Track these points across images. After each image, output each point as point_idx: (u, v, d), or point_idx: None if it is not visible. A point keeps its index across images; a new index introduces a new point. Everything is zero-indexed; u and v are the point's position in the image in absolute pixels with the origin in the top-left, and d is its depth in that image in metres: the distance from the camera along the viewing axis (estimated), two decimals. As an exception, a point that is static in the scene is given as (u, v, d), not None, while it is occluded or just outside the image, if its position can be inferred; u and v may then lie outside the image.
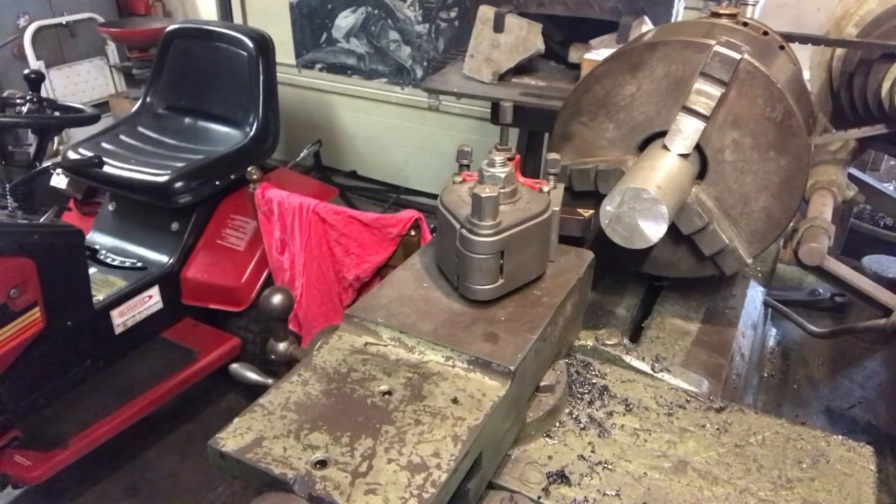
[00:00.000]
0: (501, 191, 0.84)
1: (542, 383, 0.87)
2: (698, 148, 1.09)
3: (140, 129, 3.06)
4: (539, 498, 0.77)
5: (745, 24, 1.24)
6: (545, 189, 0.93)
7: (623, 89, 1.14)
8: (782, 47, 1.27)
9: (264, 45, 2.94)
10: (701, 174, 1.12)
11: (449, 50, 3.72)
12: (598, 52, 2.35)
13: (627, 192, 0.95)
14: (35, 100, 2.82)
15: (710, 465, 0.81)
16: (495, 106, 2.68)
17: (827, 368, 1.41)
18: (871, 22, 1.39)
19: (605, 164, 1.14)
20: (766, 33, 1.27)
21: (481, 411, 0.72)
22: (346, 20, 4.24)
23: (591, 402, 0.91)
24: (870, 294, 1.28)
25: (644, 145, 1.16)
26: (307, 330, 2.64)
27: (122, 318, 2.61)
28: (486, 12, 2.63)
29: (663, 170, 1.02)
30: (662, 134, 1.09)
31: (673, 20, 2.46)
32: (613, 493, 0.77)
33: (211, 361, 2.73)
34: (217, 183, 2.76)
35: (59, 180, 3.00)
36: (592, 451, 0.83)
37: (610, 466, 0.81)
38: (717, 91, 1.04)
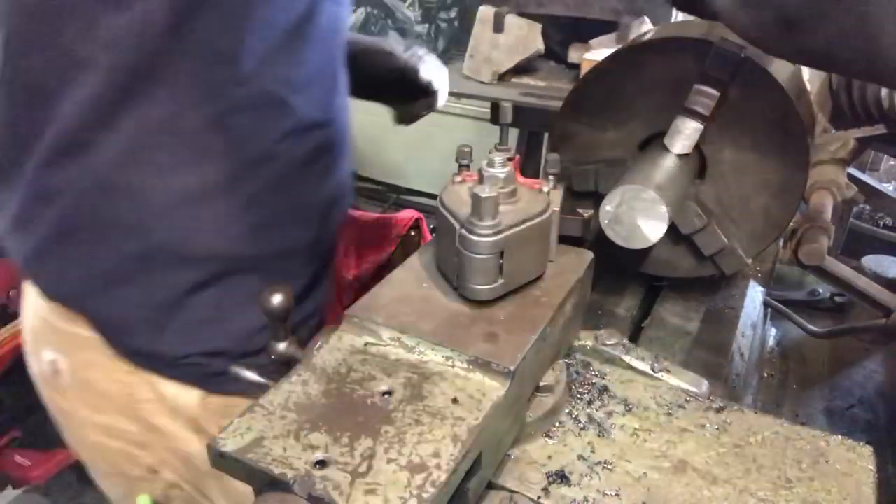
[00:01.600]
0: (501, 191, 0.84)
1: (541, 383, 0.87)
2: (697, 148, 1.09)
3: (140, 129, 3.05)
4: (539, 498, 0.77)
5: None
6: (545, 189, 0.92)
7: (622, 89, 1.14)
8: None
9: (264, 45, 2.93)
10: (700, 174, 1.12)
11: (449, 50, 3.72)
12: (598, 52, 2.35)
13: (627, 192, 0.95)
14: (35, 100, 2.82)
15: (710, 465, 0.81)
16: (495, 106, 2.67)
17: (827, 368, 1.41)
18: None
19: (606, 165, 1.14)
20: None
21: (481, 411, 0.72)
22: (346, 20, 4.24)
23: (590, 402, 0.91)
24: (870, 294, 1.28)
25: (644, 145, 1.16)
26: (307, 330, 2.64)
27: (122, 318, 2.61)
28: (485, 12, 2.63)
29: (663, 170, 1.02)
30: (662, 134, 1.09)
31: (673, 20, 2.46)
32: (613, 493, 0.77)
33: (211, 361, 2.72)
34: (217, 183, 2.75)
35: (59, 180, 3.00)
36: (592, 451, 0.83)
37: (610, 466, 0.81)
38: (716, 91, 1.04)
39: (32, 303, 1.19)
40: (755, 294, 1.37)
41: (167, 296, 1.09)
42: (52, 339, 1.18)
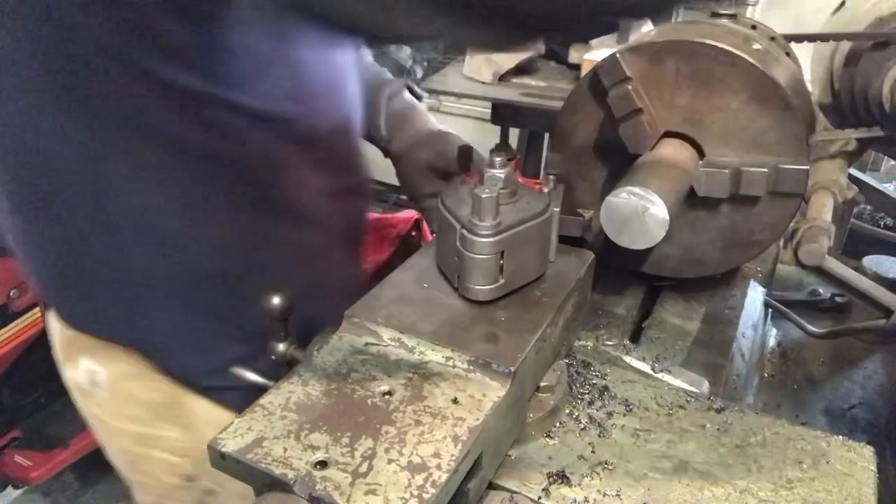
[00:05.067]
0: (501, 191, 0.84)
1: (542, 384, 0.87)
2: (694, 142, 1.08)
3: (140, 129, 3.05)
4: (539, 498, 0.77)
5: (754, 27, 1.24)
6: (545, 189, 0.93)
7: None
8: (788, 53, 1.27)
9: (264, 45, 2.93)
10: (702, 155, 1.10)
11: (450, 50, 3.72)
12: (599, 52, 2.35)
13: (626, 193, 0.95)
14: (35, 100, 2.82)
15: (711, 466, 0.81)
16: (495, 106, 2.68)
17: (827, 368, 1.41)
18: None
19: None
20: (773, 38, 1.27)
21: (481, 412, 0.72)
22: (346, 20, 4.24)
23: (591, 403, 0.91)
24: (871, 294, 1.27)
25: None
26: (307, 330, 2.64)
27: (122, 318, 2.61)
28: (486, 12, 2.63)
29: (657, 166, 1.02)
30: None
31: (673, 20, 2.46)
32: (614, 494, 0.77)
33: (211, 361, 2.72)
34: (217, 183, 2.75)
35: (60, 180, 3.00)
36: (593, 452, 0.83)
37: (610, 467, 0.81)
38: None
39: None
40: (755, 294, 1.37)
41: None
42: (88, 348, 1.16)
